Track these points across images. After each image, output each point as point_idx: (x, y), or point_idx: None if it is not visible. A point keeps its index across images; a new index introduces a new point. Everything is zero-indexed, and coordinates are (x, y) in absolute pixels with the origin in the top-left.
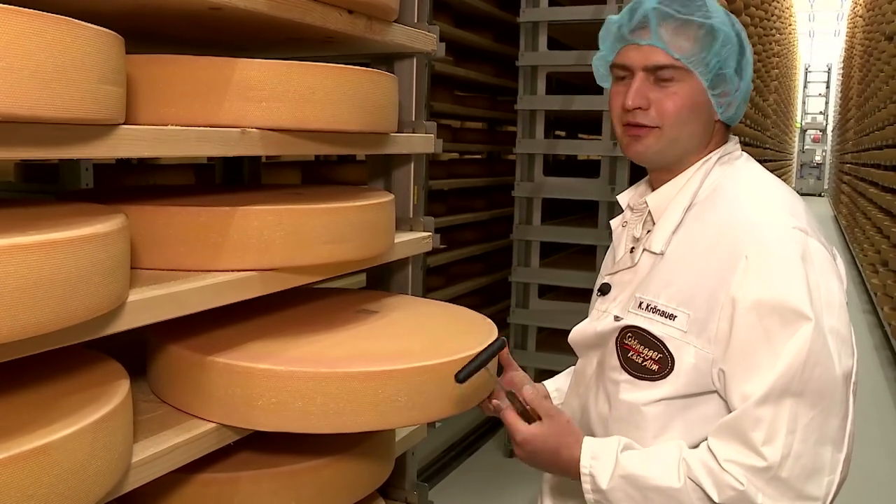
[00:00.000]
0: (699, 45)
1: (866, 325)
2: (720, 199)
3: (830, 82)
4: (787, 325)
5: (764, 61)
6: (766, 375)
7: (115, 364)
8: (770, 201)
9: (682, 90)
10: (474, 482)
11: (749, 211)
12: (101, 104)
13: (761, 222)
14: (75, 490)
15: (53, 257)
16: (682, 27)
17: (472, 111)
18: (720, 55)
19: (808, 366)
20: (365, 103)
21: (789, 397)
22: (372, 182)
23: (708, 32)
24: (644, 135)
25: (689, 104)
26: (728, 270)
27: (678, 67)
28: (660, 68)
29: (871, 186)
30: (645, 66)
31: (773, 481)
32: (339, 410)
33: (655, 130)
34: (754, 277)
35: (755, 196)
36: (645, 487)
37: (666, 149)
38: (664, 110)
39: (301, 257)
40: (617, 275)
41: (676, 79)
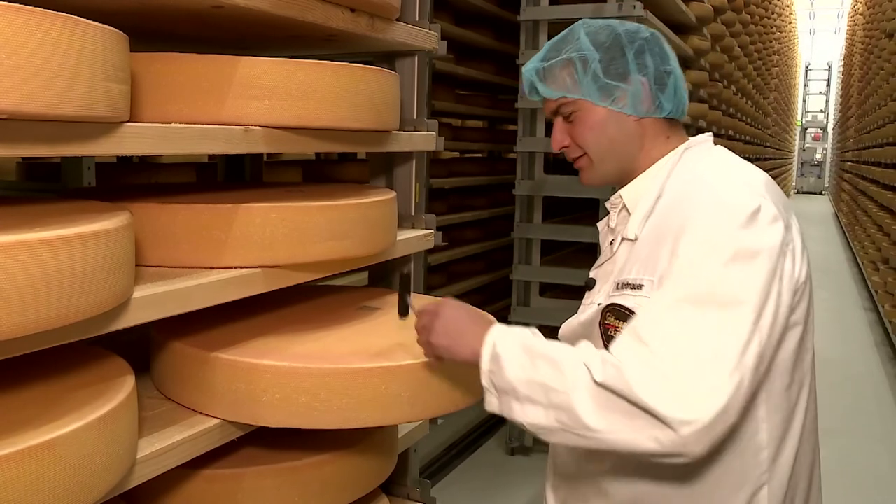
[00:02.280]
0: (570, 77)
1: (867, 322)
2: (685, 178)
3: (831, 80)
4: (709, 253)
5: (764, 59)
6: (674, 286)
7: (119, 360)
8: (729, 172)
9: (581, 117)
10: (476, 479)
11: (707, 178)
12: (106, 102)
13: (716, 184)
14: (80, 485)
15: (60, 254)
16: (551, 71)
17: (472, 110)
18: (590, 72)
19: (716, 284)
20: (367, 101)
21: (690, 306)
22: (374, 180)
23: (568, 62)
24: (581, 165)
25: (592, 125)
26: (681, 228)
27: (567, 102)
28: (558, 110)
29: (871, 184)
30: (550, 113)
31: (654, 372)
32: (343, 406)
33: (585, 157)
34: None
35: (716, 169)
36: (536, 355)
37: (605, 167)
38: (578, 139)
39: (303, 254)
40: (600, 268)
41: (575, 110)
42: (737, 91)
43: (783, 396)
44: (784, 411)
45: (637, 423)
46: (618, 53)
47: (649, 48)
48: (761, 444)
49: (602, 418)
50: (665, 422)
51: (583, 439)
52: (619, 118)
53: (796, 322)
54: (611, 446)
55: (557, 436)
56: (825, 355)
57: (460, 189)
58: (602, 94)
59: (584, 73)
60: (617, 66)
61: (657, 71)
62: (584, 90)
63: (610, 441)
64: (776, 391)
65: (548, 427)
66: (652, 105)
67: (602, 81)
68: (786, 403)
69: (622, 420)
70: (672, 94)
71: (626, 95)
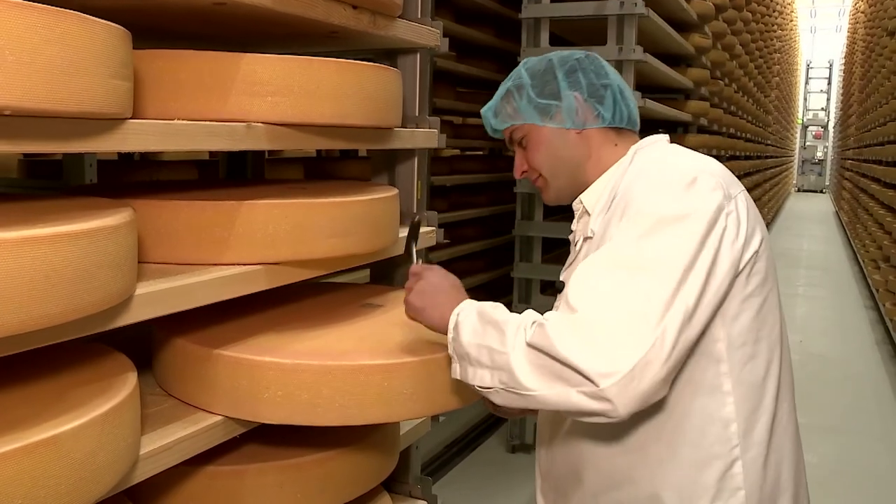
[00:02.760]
0: (511, 106)
1: (868, 320)
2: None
3: (832, 78)
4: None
5: (766, 57)
6: (602, 253)
7: (122, 357)
8: (676, 157)
9: (530, 140)
10: (477, 477)
11: (652, 165)
12: (109, 98)
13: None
14: (83, 481)
15: (62, 250)
16: (498, 105)
17: (473, 107)
18: (525, 96)
19: (640, 247)
20: (369, 98)
21: (615, 269)
22: (375, 177)
23: (508, 94)
24: (539, 185)
25: (539, 145)
26: (623, 211)
27: (516, 129)
28: (511, 140)
29: (872, 182)
30: (510, 145)
31: (576, 330)
32: (345, 403)
33: (541, 177)
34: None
35: (663, 157)
36: (487, 321)
37: (558, 182)
38: (531, 162)
39: (306, 251)
40: (568, 269)
41: (524, 134)
42: (738, 89)
43: (747, 370)
44: (750, 385)
45: (564, 380)
46: (550, 76)
47: (581, 67)
48: (729, 417)
49: (535, 378)
50: (587, 376)
51: (522, 399)
52: (562, 134)
53: (751, 294)
54: (546, 405)
55: (502, 396)
56: (826, 354)
57: (461, 186)
58: (540, 114)
59: (521, 98)
60: (549, 86)
61: (591, 85)
62: (524, 114)
63: (544, 399)
64: (737, 364)
65: (493, 388)
66: (590, 116)
67: (536, 102)
68: (751, 377)
69: (551, 379)
70: (611, 105)
71: (561, 111)
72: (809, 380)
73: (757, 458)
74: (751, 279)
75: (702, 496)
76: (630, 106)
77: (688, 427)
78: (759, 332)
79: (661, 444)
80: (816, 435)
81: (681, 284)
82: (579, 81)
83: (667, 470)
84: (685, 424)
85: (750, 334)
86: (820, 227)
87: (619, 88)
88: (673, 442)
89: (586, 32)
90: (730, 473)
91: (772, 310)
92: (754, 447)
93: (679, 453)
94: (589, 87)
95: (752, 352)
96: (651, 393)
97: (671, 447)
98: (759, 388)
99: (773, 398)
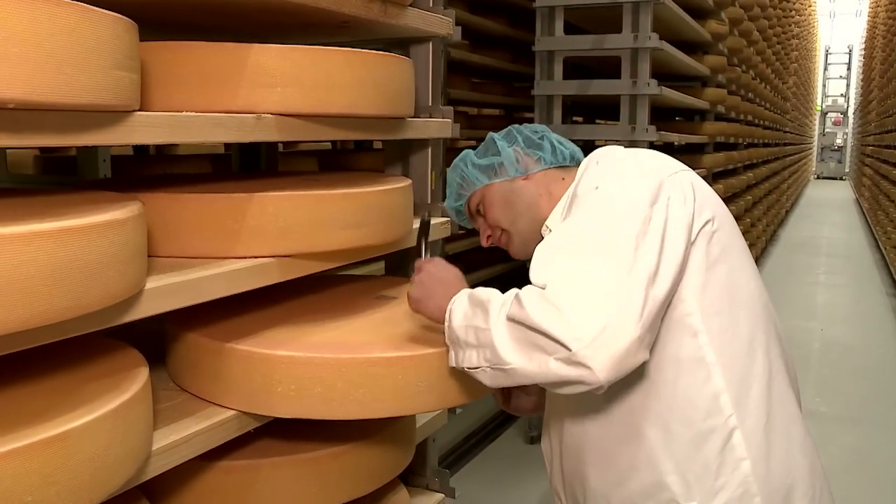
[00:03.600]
0: (462, 180)
1: (890, 308)
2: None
3: (851, 64)
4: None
5: (783, 43)
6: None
7: (133, 352)
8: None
9: (485, 202)
10: (495, 468)
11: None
12: (116, 90)
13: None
14: (95, 477)
15: (70, 244)
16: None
17: (488, 98)
18: (470, 164)
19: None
20: (381, 88)
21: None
22: (389, 168)
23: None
24: (504, 242)
25: (494, 202)
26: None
27: (472, 198)
28: (471, 214)
29: (894, 168)
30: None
31: (547, 301)
32: (360, 397)
33: (504, 232)
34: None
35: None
36: (475, 303)
37: (521, 228)
38: (492, 222)
39: (319, 243)
40: None
41: (479, 201)
42: (755, 76)
43: (728, 338)
44: (735, 353)
45: (541, 349)
46: (490, 142)
47: (516, 129)
48: (717, 388)
49: (515, 351)
50: (560, 341)
51: (506, 375)
52: (510, 184)
53: (716, 262)
54: (529, 378)
55: (489, 376)
56: (847, 342)
57: None
58: (486, 173)
59: (467, 167)
60: (489, 149)
61: (527, 139)
62: (472, 181)
63: (525, 372)
64: (716, 333)
65: (480, 368)
66: (531, 162)
67: (479, 164)
68: (734, 345)
69: (530, 349)
70: (550, 149)
71: (503, 164)
72: (830, 368)
73: (756, 425)
74: (712, 247)
75: (705, 473)
76: (569, 147)
77: (678, 405)
78: (733, 298)
79: (656, 427)
80: (837, 424)
81: (638, 246)
82: (515, 138)
83: (666, 453)
84: (675, 402)
85: (723, 302)
86: (840, 214)
87: (555, 139)
88: (667, 423)
89: (601, 21)
90: (730, 445)
91: (744, 278)
92: (751, 415)
93: (675, 433)
94: (525, 140)
95: (729, 320)
96: (627, 354)
97: (666, 429)
98: (745, 355)
99: (763, 365)
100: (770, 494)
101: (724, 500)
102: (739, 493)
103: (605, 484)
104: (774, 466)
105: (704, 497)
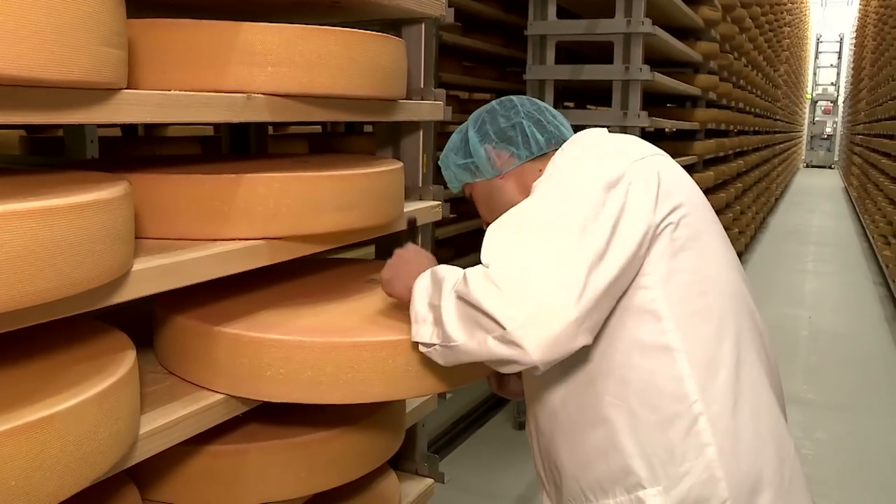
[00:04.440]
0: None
1: (877, 297)
2: None
3: (842, 52)
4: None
5: (775, 31)
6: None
7: (120, 334)
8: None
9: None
10: (484, 454)
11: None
12: (102, 67)
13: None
14: (81, 461)
15: (53, 224)
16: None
17: (480, 82)
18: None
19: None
20: (373, 68)
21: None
22: (380, 151)
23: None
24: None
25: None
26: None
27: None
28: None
29: (883, 157)
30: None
31: (487, 280)
32: (349, 381)
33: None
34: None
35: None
36: (436, 281)
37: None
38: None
39: (309, 225)
40: None
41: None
42: (747, 63)
43: (694, 324)
44: (701, 339)
45: (482, 328)
46: (464, 139)
47: (490, 116)
48: (682, 373)
49: (459, 328)
50: (496, 320)
51: (453, 353)
52: (489, 184)
53: (682, 248)
54: (471, 356)
55: (440, 354)
56: (835, 330)
57: None
58: (465, 173)
59: (449, 167)
60: (465, 148)
61: (499, 131)
62: (458, 178)
63: (467, 350)
64: (683, 319)
65: (433, 346)
66: (505, 159)
67: (458, 163)
68: (701, 331)
69: (472, 327)
70: (522, 142)
71: (478, 166)
72: (818, 356)
73: (723, 410)
74: (678, 233)
75: (670, 458)
76: (548, 129)
77: (643, 389)
78: (702, 285)
79: (622, 411)
80: (825, 412)
81: (586, 228)
82: (487, 132)
83: (632, 437)
84: (640, 387)
85: (691, 288)
86: (829, 202)
87: (530, 121)
88: (632, 407)
89: (594, 5)
90: (695, 430)
91: (715, 265)
92: (718, 401)
93: (640, 418)
94: (497, 134)
95: (697, 306)
96: (562, 337)
97: (631, 413)
98: (712, 341)
99: (731, 351)
100: (736, 481)
101: (689, 484)
102: (704, 479)
103: (576, 467)
104: (741, 453)
105: (669, 482)
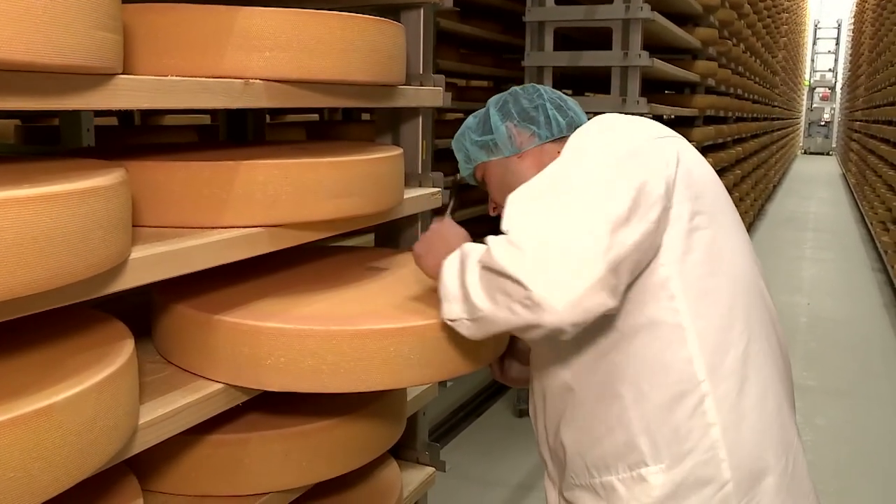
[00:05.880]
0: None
1: (876, 283)
2: None
3: (840, 38)
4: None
5: (773, 17)
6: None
7: (118, 324)
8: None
9: (486, 177)
10: (485, 441)
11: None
12: (97, 51)
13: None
14: (80, 452)
15: (50, 212)
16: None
17: (477, 69)
18: (468, 139)
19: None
20: (371, 53)
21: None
22: (380, 137)
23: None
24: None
25: (492, 179)
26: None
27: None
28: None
29: (881, 143)
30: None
31: (511, 246)
32: (350, 369)
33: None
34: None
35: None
36: (462, 258)
37: None
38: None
39: (308, 213)
40: None
41: (483, 174)
42: (745, 49)
43: (706, 305)
44: (711, 320)
45: (507, 294)
46: (486, 116)
47: (513, 97)
48: (691, 353)
49: (484, 297)
50: (521, 283)
51: (478, 325)
52: (506, 163)
53: (697, 228)
54: (497, 324)
55: (466, 327)
56: (834, 316)
57: None
58: (482, 151)
59: (465, 142)
60: (485, 126)
61: (522, 111)
62: (473, 156)
63: (494, 318)
64: (694, 299)
65: (459, 320)
66: (526, 138)
67: (475, 140)
68: (712, 312)
69: (498, 294)
70: (545, 122)
71: (498, 143)
72: (817, 342)
73: (729, 392)
74: (695, 213)
75: (674, 437)
76: (569, 114)
77: (652, 367)
78: (714, 266)
79: (631, 388)
80: (824, 397)
81: (609, 194)
82: (510, 111)
83: (638, 414)
84: (649, 365)
85: (703, 268)
86: (827, 189)
87: (552, 105)
88: (640, 384)
89: None
90: (700, 410)
91: (730, 247)
92: (725, 382)
93: (648, 395)
94: (520, 114)
95: (709, 286)
96: (589, 295)
97: (639, 390)
98: (723, 322)
99: (741, 333)
100: (739, 462)
101: (692, 463)
102: (707, 458)
103: (582, 443)
104: (745, 434)
105: (673, 460)
